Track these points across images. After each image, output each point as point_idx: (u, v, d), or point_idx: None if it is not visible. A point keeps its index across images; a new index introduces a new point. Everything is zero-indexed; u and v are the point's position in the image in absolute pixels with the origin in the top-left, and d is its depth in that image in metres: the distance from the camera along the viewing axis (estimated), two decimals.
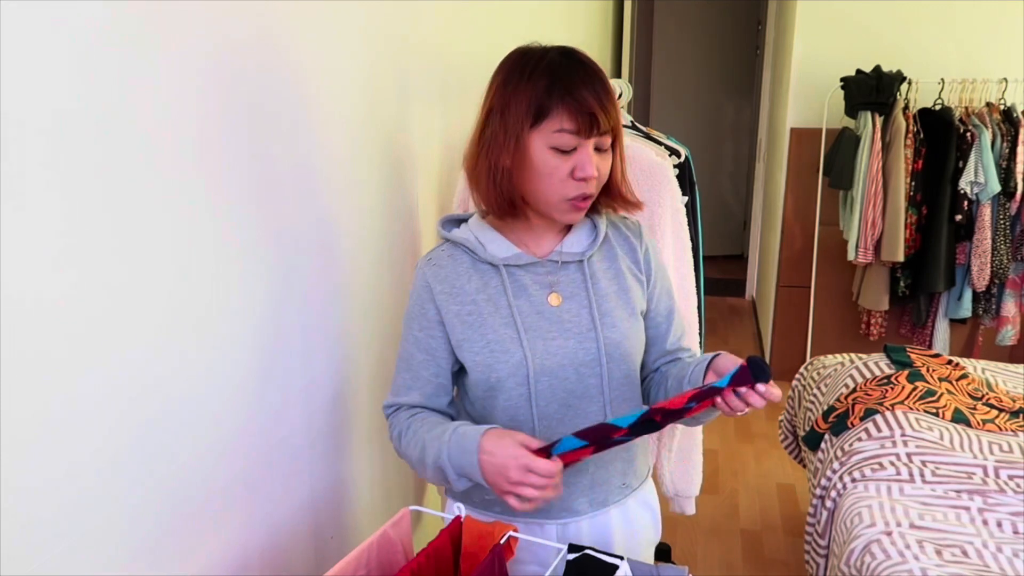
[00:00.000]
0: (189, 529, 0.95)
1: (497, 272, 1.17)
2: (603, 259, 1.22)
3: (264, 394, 1.11)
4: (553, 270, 1.19)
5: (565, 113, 1.06)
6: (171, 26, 0.86)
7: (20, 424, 0.70)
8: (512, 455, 1.02)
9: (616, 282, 1.21)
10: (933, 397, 2.22)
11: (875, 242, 3.46)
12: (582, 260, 1.19)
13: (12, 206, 0.67)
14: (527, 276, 1.18)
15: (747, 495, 3.07)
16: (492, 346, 1.15)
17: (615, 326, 1.18)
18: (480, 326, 1.16)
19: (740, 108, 6.29)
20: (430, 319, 1.18)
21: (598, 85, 1.07)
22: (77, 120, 0.74)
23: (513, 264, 1.17)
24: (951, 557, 1.60)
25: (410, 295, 1.22)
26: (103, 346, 0.79)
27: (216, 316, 0.98)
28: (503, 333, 1.15)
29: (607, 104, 1.07)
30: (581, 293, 1.18)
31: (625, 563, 0.98)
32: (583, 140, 1.08)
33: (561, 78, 1.06)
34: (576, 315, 1.17)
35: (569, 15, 3.41)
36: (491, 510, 1.23)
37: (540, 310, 1.17)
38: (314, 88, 1.20)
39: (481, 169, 1.13)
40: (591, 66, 1.09)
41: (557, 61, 1.08)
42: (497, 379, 1.15)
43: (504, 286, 1.17)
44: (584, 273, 1.19)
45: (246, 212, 1.03)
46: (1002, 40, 3.65)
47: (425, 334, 1.19)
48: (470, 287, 1.17)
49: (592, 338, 1.17)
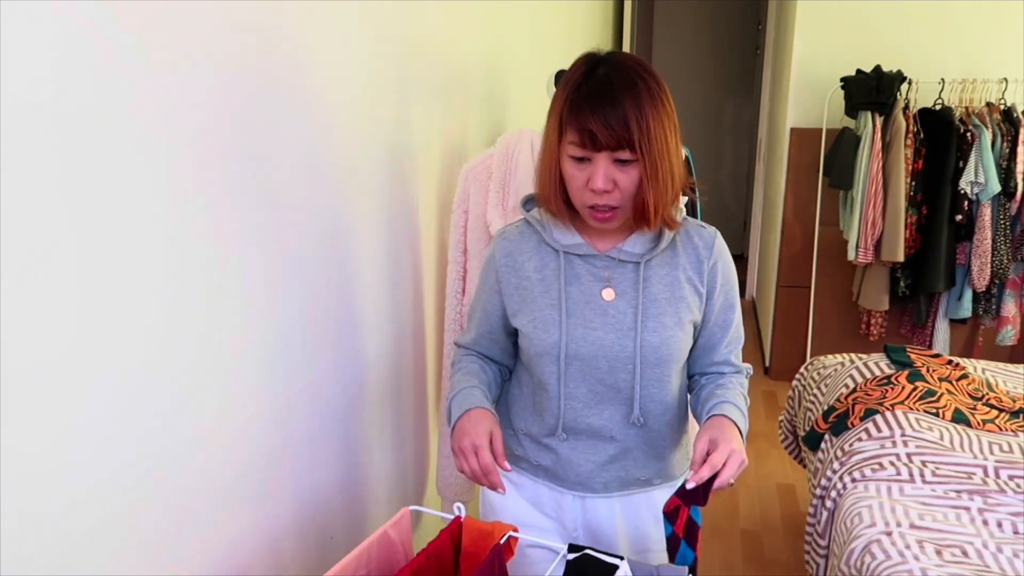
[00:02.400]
0: (190, 529, 0.95)
1: (557, 256, 1.25)
2: (663, 264, 1.25)
3: (265, 395, 1.11)
4: (611, 265, 1.25)
5: (572, 129, 1.13)
6: (171, 26, 0.86)
7: (21, 424, 0.70)
8: (476, 432, 1.18)
9: (670, 289, 1.24)
10: (933, 397, 2.22)
11: (875, 242, 3.46)
12: (639, 261, 1.23)
13: (12, 207, 0.67)
14: (584, 266, 1.25)
15: (747, 495, 3.07)
16: (536, 323, 1.24)
17: (656, 331, 1.23)
18: (531, 302, 1.26)
19: (740, 108, 6.29)
20: (491, 285, 1.31)
21: (607, 105, 1.10)
22: (76, 119, 0.74)
23: (573, 252, 1.25)
24: (951, 557, 1.60)
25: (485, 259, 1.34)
26: (104, 346, 0.79)
27: (218, 317, 0.98)
28: (548, 314, 1.24)
29: (613, 123, 1.10)
30: (632, 292, 1.23)
31: (625, 563, 0.98)
32: (593, 153, 1.13)
33: (575, 95, 1.13)
34: (622, 312, 1.23)
35: (569, 15, 3.40)
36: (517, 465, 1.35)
37: (590, 300, 1.24)
38: (314, 88, 1.19)
39: (543, 168, 1.22)
40: (613, 84, 1.11)
41: (584, 77, 1.14)
42: (536, 353, 1.25)
43: (560, 270, 1.24)
44: (639, 274, 1.23)
45: (246, 212, 1.03)
46: (1002, 40, 3.65)
47: (485, 296, 1.33)
48: (529, 265, 1.27)
49: (631, 337, 1.22)
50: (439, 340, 1.87)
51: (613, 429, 1.27)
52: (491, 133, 2.18)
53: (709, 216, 1.29)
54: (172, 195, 0.88)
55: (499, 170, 1.73)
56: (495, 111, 2.26)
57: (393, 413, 1.60)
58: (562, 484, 1.32)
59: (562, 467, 1.31)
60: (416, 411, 1.74)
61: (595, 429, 1.27)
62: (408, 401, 1.69)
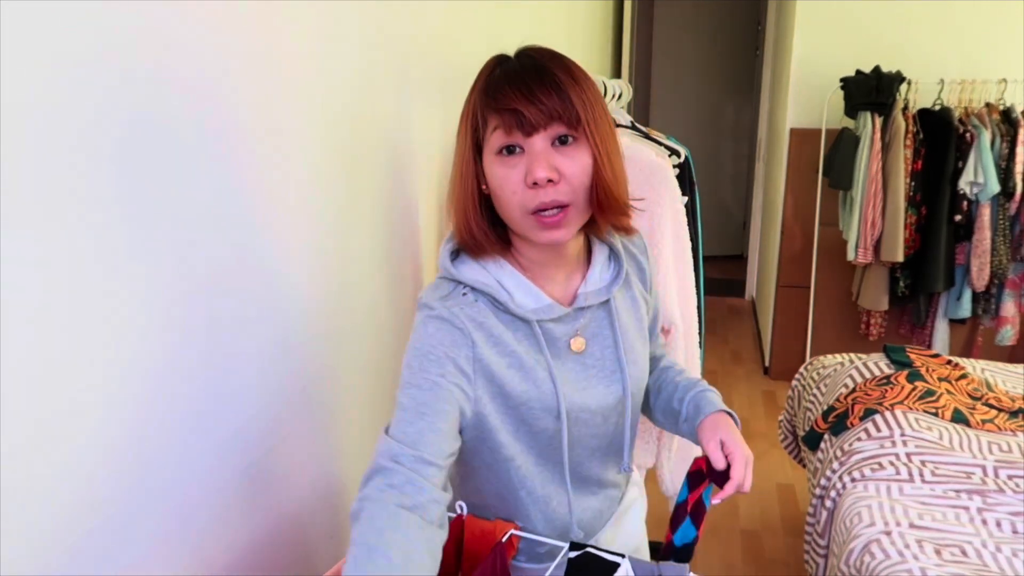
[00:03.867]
0: (188, 530, 0.96)
1: (529, 327, 1.01)
2: (621, 288, 1.10)
3: (264, 394, 1.11)
4: (579, 316, 1.06)
5: (492, 113, 0.94)
6: (170, 26, 0.86)
7: (20, 424, 0.70)
8: None
9: (634, 312, 1.12)
10: (932, 397, 2.23)
11: (875, 242, 3.46)
12: (608, 300, 1.07)
13: (11, 207, 0.67)
14: (557, 327, 1.04)
15: (747, 495, 3.07)
16: (530, 405, 1.01)
17: (636, 362, 1.10)
18: (521, 381, 1.00)
19: (740, 108, 6.30)
20: (458, 366, 0.96)
21: (530, 77, 0.92)
22: (76, 119, 0.74)
23: (546, 318, 1.02)
24: (950, 557, 1.60)
25: (423, 334, 0.99)
26: (102, 346, 0.79)
27: (214, 316, 0.98)
28: (546, 388, 1.01)
29: (540, 94, 0.91)
30: (605, 332, 1.07)
31: (626, 561, 0.98)
32: (523, 138, 0.93)
33: (489, 83, 0.96)
34: (600, 358, 1.06)
35: (569, 15, 3.41)
36: None
37: (565, 359, 1.04)
38: (313, 88, 1.20)
39: (458, 201, 1.01)
40: (528, 61, 0.95)
41: (495, 68, 0.98)
42: (534, 420, 1.03)
43: (539, 342, 1.01)
44: (610, 312, 1.07)
45: (243, 212, 1.03)
46: (1002, 40, 3.66)
47: (437, 370, 0.95)
48: (507, 338, 1.00)
49: (618, 379, 1.07)
50: None
51: (606, 482, 1.16)
52: None
53: (709, 216, 1.27)
54: (170, 195, 0.88)
55: None
56: None
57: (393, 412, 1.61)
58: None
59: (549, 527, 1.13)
60: None
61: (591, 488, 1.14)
62: None
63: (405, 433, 0.92)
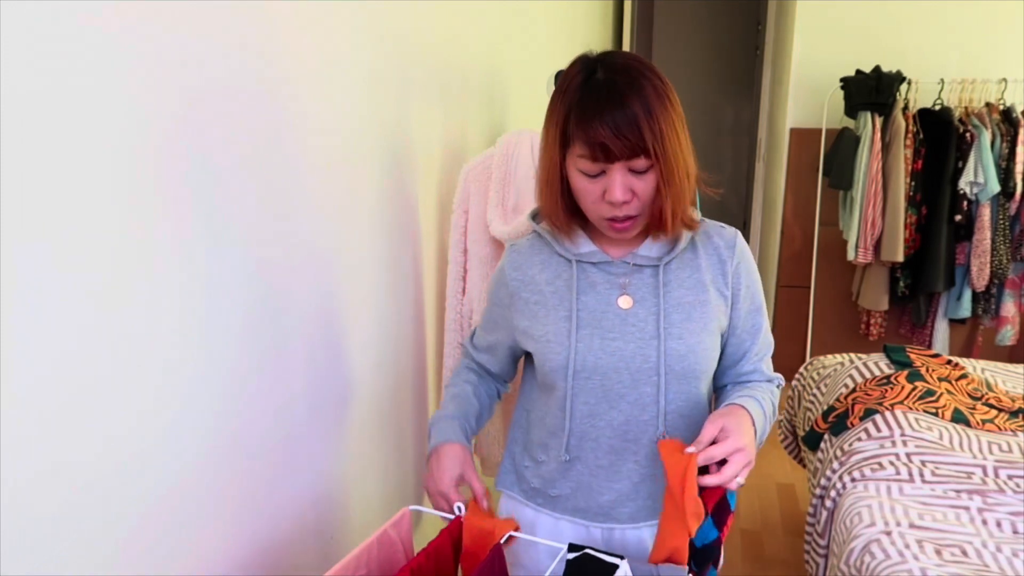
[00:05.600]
0: (189, 529, 0.95)
1: (570, 266, 1.19)
2: (683, 267, 1.18)
3: (265, 394, 1.11)
4: (626, 271, 1.17)
5: (580, 141, 1.06)
6: (170, 25, 0.86)
7: (20, 423, 0.70)
8: (442, 479, 1.15)
9: (695, 292, 1.16)
10: (932, 397, 2.23)
11: (875, 242, 3.46)
12: (657, 265, 1.16)
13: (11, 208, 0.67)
14: (599, 274, 1.18)
15: (747, 495, 3.07)
16: (548, 336, 1.17)
17: (681, 337, 1.14)
18: (543, 317, 1.18)
19: (740, 108, 6.29)
20: (500, 299, 1.25)
21: (617, 112, 1.03)
22: (75, 119, 0.74)
23: (586, 261, 1.18)
24: (950, 557, 1.60)
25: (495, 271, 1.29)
26: (102, 346, 0.79)
27: (217, 316, 0.98)
28: (560, 326, 1.17)
29: (625, 131, 1.02)
30: (651, 298, 1.15)
31: (625, 563, 0.98)
32: (606, 164, 1.06)
33: (578, 105, 1.05)
34: (643, 320, 1.15)
35: (569, 15, 3.41)
36: (534, 501, 1.27)
37: (607, 309, 1.16)
38: (314, 88, 1.20)
39: (540, 179, 1.16)
40: (618, 88, 1.04)
41: (583, 84, 1.06)
42: (550, 368, 1.18)
43: (572, 280, 1.18)
44: (658, 278, 1.16)
45: (245, 212, 1.03)
46: (1001, 40, 3.66)
47: (497, 311, 1.27)
48: (541, 278, 1.20)
49: (654, 346, 1.14)
50: (439, 340, 1.87)
51: (637, 451, 1.18)
52: (491, 133, 2.18)
53: (709, 215, 1.26)
54: (169, 196, 0.88)
55: (499, 170, 1.74)
56: (495, 111, 2.26)
57: (393, 412, 1.60)
58: (585, 516, 1.22)
59: (583, 496, 1.22)
60: (416, 410, 1.74)
61: (617, 451, 1.19)
62: (408, 400, 1.69)
63: (471, 344, 1.36)
